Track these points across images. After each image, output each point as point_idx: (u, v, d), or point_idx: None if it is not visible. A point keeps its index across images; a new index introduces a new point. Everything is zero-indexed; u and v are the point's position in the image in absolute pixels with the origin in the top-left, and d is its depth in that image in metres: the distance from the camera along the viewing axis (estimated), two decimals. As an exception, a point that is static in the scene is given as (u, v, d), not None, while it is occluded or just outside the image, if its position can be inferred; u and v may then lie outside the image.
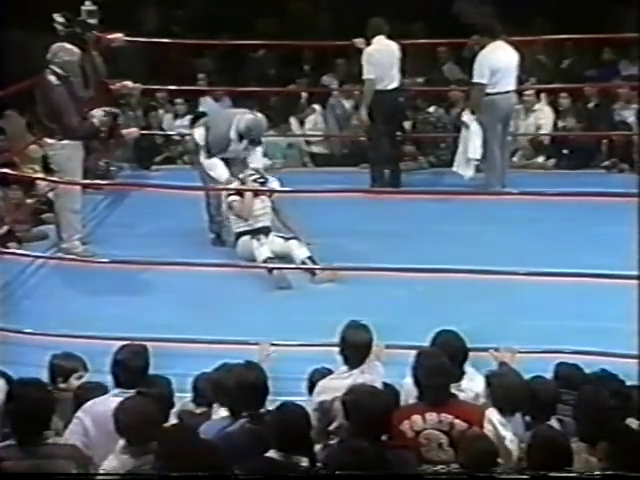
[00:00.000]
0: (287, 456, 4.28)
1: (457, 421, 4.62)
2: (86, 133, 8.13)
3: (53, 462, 4.06)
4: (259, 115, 8.51)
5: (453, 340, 5.14)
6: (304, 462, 4.31)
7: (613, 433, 4.19)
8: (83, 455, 4.28)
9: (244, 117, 8.32)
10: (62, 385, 5.24)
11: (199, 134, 8.39)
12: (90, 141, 8.53)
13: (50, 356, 5.39)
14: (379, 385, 5.11)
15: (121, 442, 4.27)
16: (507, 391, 4.81)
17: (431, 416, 4.65)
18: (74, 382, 5.22)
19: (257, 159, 8.43)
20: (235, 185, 8.21)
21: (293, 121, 11.47)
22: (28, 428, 4.14)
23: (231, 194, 8.17)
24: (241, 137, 8.27)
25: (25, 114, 10.40)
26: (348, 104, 11.57)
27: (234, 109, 9.44)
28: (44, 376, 5.27)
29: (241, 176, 8.26)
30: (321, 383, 5.23)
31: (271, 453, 4.31)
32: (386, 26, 9.68)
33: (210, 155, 8.29)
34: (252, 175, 8.25)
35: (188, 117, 11.39)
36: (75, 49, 8.26)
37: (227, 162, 8.32)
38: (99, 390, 5.01)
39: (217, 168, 8.26)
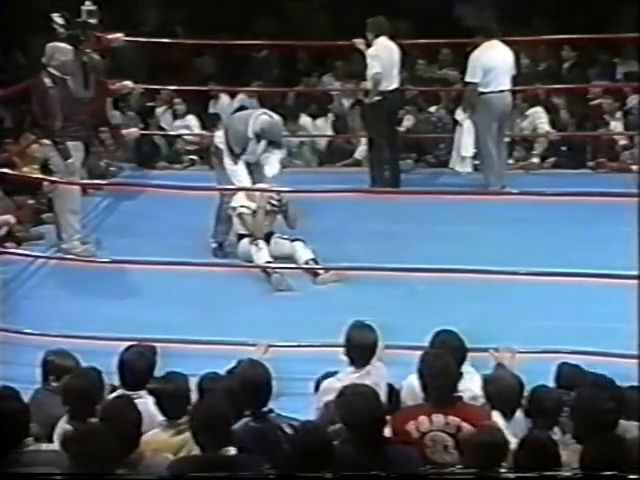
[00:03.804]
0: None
1: (464, 424, 4.60)
2: (66, 138, 8.10)
3: (33, 469, 4.02)
4: (275, 117, 8.32)
5: (452, 340, 5.13)
6: (231, 451, 4.30)
7: (608, 435, 4.19)
8: (66, 460, 4.20)
9: (259, 117, 8.19)
10: (54, 384, 5.16)
11: (219, 137, 8.28)
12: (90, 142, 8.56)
13: (44, 353, 5.34)
14: (383, 386, 5.12)
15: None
16: (502, 393, 4.81)
17: (438, 418, 4.63)
18: None
19: (273, 164, 8.18)
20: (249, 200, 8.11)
21: (306, 120, 11.44)
22: (4, 438, 4.09)
23: (242, 205, 8.10)
24: (258, 138, 8.13)
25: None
26: (347, 103, 11.60)
27: (252, 109, 9.26)
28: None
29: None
30: (326, 383, 5.22)
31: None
32: (388, 26, 9.69)
33: (235, 157, 8.11)
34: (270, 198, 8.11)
35: (189, 117, 11.45)
36: (70, 48, 8.24)
37: (249, 167, 8.17)
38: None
39: (240, 177, 8.07)
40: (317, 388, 5.37)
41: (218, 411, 4.35)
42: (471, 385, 5.08)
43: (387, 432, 4.62)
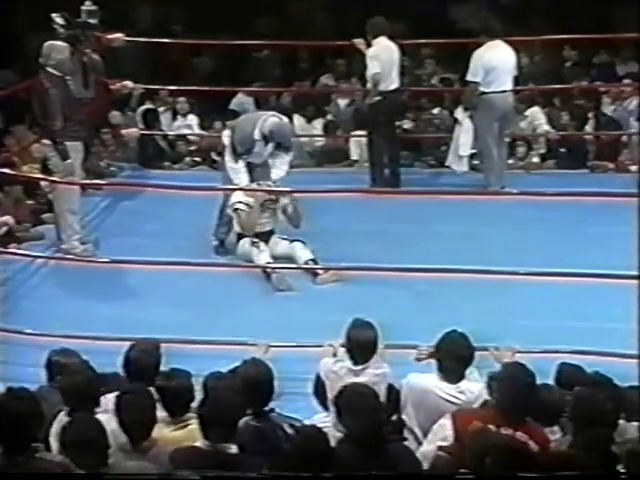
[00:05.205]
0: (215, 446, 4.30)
1: (530, 442, 4.45)
2: (65, 138, 8.10)
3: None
4: (284, 119, 8.31)
5: (460, 341, 5.12)
6: (233, 449, 4.32)
7: (606, 436, 4.19)
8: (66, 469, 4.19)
9: (268, 120, 8.14)
10: None
11: (226, 135, 8.27)
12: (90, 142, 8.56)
13: (48, 352, 5.34)
14: (383, 384, 5.12)
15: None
16: (512, 393, 4.77)
17: (507, 431, 4.49)
18: None
19: (281, 167, 8.16)
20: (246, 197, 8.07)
21: (300, 121, 11.44)
22: (14, 440, 4.09)
23: (240, 201, 8.05)
24: (265, 140, 8.10)
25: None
26: (343, 103, 11.60)
27: (262, 111, 9.25)
28: (44, 376, 5.28)
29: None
30: (327, 361, 5.24)
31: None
32: (387, 27, 9.68)
33: (236, 157, 8.09)
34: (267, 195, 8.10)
35: (190, 116, 11.45)
36: (66, 46, 8.23)
37: (251, 168, 8.14)
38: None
39: (239, 174, 8.08)
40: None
41: (228, 402, 4.38)
42: (471, 386, 5.08)
43: (450, 432, 4.58)
